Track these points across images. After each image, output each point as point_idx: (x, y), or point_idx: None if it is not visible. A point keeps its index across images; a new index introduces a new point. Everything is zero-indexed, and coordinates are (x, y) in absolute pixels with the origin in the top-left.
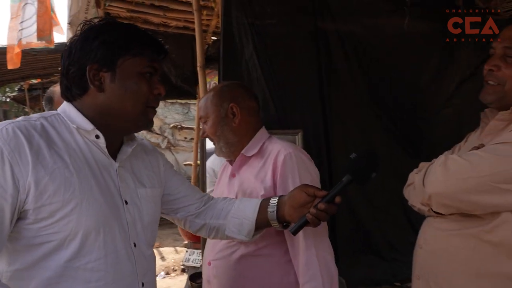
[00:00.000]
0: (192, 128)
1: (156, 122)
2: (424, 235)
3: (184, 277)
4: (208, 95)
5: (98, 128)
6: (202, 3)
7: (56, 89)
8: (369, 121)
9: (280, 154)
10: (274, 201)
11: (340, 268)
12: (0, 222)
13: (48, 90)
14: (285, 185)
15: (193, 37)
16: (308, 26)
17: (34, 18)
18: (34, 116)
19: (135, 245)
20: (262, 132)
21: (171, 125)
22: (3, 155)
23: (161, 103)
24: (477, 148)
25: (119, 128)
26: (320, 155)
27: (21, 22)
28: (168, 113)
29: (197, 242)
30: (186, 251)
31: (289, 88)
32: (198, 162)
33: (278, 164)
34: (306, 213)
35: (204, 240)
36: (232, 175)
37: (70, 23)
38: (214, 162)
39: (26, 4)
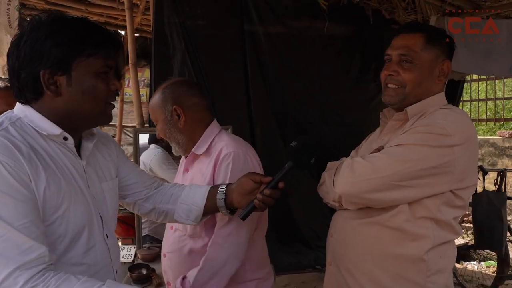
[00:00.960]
0: (113, 125)
1: None
2: (335, 225)
3: None
4: (153, 98)
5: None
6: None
7: None
8: (295, 119)
9: (221, 153)
10: (222, 188)
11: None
12: (39, 222)
13: None
14: (212, 181)
15: (116, 32)
16: (236, 28)
17: None
18: (4, 122)
19: (107, 236)
20: (212, 128)
21: None
22: (6, 167)
23: None
24: (378, 150)
25: (80, 127)
26: None
27: None
28: None
29: (127, 237)
30: None
31: (219, 86)
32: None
33: (217, 163)
34: (253, 199)
35: (139, 236)
36: (186, 169)
37: None
38: (145, 156)
39: None
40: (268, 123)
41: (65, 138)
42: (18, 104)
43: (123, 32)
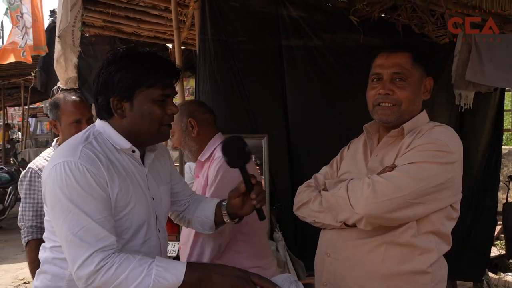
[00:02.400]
0: None
1: None
2: (332, 245)
3: None
4: None
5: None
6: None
7: (61, 96)
8: (331, 127)
9: (215, 157)
10: (224, 204)
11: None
12: (111, 218)
13: (54, 97)
14: (207, 182)
15: (163, 46)
16: (274, 43)
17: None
18: (89, 136)
19: (159, 231)
20: (215, 139)
21: None
22: (91, 173)
23: None
24: (391, 168)
25: (142, 143)
26: (282, 154)
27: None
28: None
29: (172, 234)
30: None
31: (257, 98)
32: None
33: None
34: (254, 205)
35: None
36: (196, 176)
37: (59, 37)
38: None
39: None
40: (304, 133)
41: (133, 151)
42: (98, 120)
43: (170, 46)
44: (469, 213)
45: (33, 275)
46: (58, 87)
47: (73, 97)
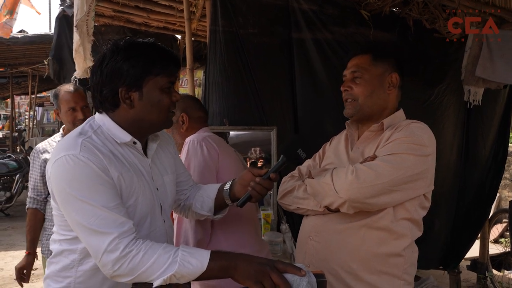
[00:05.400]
0: None
1: None
2: (315, 229)
3: None
4: None
5: (132, 135)
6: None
7: (62, 88)
8: (337, 119)
9: (186, 141)
10: (229, 181)
11: None
12: (123, 204)
13: (57, 88)
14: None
15: (173, 37)
16: (284, 36)
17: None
18: (88, 131)
19: (164, 221)
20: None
21: None
22: (95, 163)
23: None
24: (372, 158)
25: (147, 132)
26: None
27: None
28: None
29: None
30: None
31: (267, 90)
32: None
33: None
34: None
35: None
36: None
37: (76, 26)
38: None
39: None
40: (313, 125)
41: (134, 143)
42: (97, 114)
43: (179, 37)
44: (475, 206)
45: (27, 239)
46: (75, 77)
47: (69, 87)
